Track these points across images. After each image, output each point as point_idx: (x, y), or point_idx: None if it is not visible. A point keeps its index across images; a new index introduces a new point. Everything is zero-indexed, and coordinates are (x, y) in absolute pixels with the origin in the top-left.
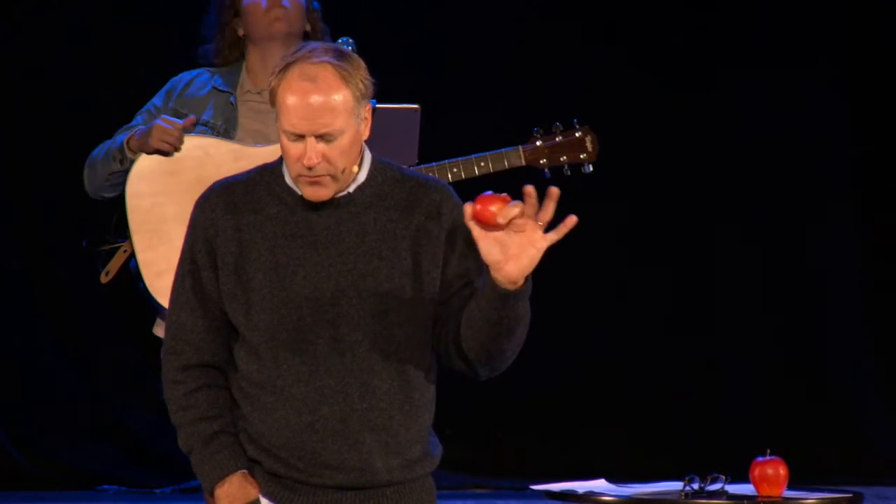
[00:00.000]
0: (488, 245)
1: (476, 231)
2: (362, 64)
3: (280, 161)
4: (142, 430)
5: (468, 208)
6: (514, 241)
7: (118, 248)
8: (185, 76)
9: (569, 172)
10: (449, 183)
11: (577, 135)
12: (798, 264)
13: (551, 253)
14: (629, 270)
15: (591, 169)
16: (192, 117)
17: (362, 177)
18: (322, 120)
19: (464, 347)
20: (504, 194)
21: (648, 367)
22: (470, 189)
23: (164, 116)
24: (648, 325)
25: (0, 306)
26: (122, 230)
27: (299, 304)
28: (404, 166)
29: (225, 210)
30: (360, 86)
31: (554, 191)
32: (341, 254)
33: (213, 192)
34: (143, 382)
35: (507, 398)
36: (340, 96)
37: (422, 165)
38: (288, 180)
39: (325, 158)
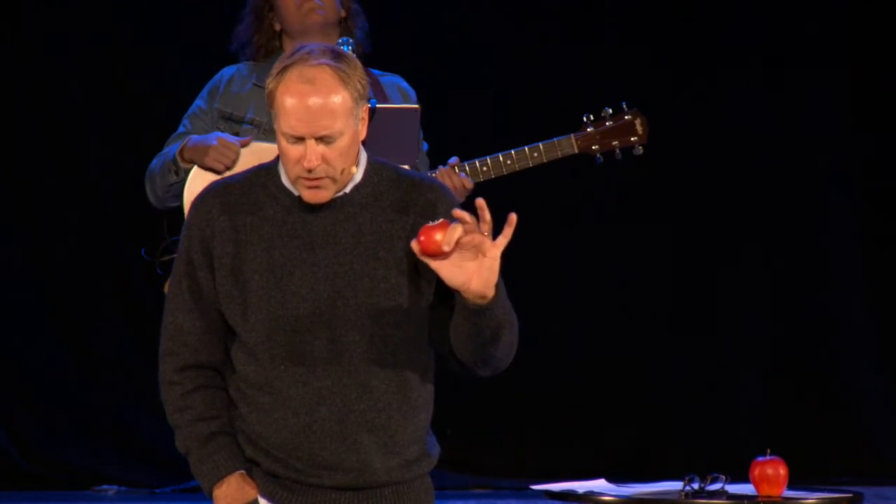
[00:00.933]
0: (448, 272)
1: (431, 263)
2: (359, 65)
3: (276, 161)
4: (142, 430)
5: (415, 245)
6: (468, 260)
7: None
8: (225, 73)
9: (620, 156)
10: (503, 175)
11: (626, 118)
12: (800, 264)
13: (553, 253)
14: (631, 271)
15: (643, 151)
16: (248, 138)
17: (358, 177)
18: (321, 122)
19: (457, 355)
20: (443, 220)
21: (649, 368)
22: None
23: (219, 136)
24: (649, 325)
25: (1, 306)
26: (175, 233)
27: (296, 305)
28: (402, 166)
29: (221, 211)
30: (358, 86)
31: (480, 201)
32: (338, 254)
33: (209, 192)
34: (144, 382)
35: (508, 398)
36: (339, 98)
37: (476, 159)
38: (284, 181)
39: (325, 160)
